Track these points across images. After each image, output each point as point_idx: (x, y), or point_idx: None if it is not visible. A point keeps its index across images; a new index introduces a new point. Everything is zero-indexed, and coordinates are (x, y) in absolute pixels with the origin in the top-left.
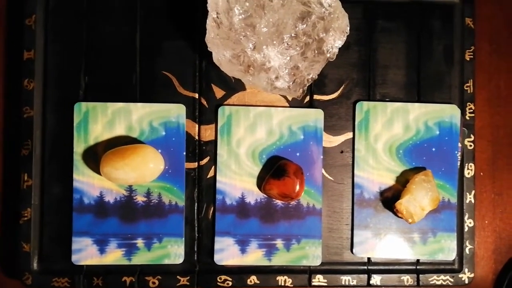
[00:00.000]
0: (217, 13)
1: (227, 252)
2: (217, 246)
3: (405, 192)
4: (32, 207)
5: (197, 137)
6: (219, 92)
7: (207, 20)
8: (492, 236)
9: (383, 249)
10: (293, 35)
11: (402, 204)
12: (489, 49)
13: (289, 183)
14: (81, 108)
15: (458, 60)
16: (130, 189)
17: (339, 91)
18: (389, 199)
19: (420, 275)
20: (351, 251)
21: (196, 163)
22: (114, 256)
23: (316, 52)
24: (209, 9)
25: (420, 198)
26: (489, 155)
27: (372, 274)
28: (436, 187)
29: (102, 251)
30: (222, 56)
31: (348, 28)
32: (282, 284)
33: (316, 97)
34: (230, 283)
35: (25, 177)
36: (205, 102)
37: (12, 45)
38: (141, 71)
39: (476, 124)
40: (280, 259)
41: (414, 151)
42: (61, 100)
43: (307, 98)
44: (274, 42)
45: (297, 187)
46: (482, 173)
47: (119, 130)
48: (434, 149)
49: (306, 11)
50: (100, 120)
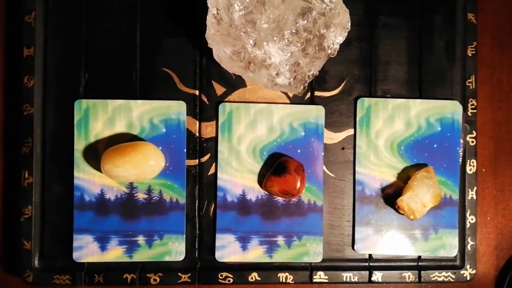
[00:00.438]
0: (217, 9)
1: (228, 249)
2: (218, 243)
3: (406, 188)
4: (33, 205)
5: (197, 134)
6: (219, 89)
7: (207, 17)
8: (494, 232)
9: (384, 246)
10: (293, 31)
11: (404, 200)
12: (491, 44)
13: (290, 180)
14: (82, 105)
15: (460, 56)
16: (131, 186)
17: (340, 88)
18: (391, 195)
19: (422, 271)
20: (353, 247)
21: (197, 160)
22: (115, 253)
23: (317, 48)
24: (209, 5)
25: (422, 195)
26: (491, 151)
27: (374, 271)
28: (437, 184)
29: (103, 248)
30: (223, 53)
31: (349, 24)
32: (283, 281)
33: (317, 93)
34: (231, 280)
35: (26, 175)
36: (205, 99)
37: (11, 42)
38: (141, 68)
39: (478, 120)
40: (281, 256)
41: (415, 148)
42: (61, 97)
43: (308, 95)
44: (275, 38)
45: (298, 184)
46: (484, 169)
47: (120, 127)
48: (435, 146)
49: (306, 7)
50: (101, 117)
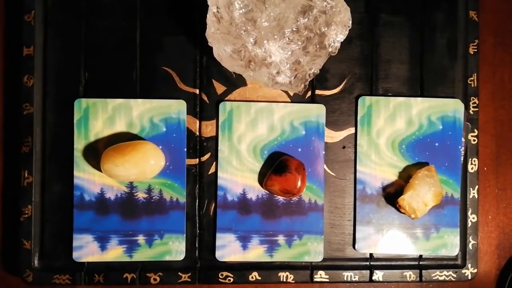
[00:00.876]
0: (218, 7)
1: (228, 248)
2: (218, 242)
3: (408, 187)
4: (32, 204)
5: (198, 133)
6: (220, 88)
7: (208, 15)
8: (496, 231)
9: (385, 245)
10: (294, 29)
11: (405, 199)
12: (493, 42)
13: (291, 179)
14: (81, 104)
15: (462, 54)
16: (131, 185)
17: (341, 86)
18: (392, 194)
19: (423, 270)
20: (353, 247)
21: (197, 159)
22: (115, 252)
23: (318, 46)
24: (209, 3)
25: (423, 194)
26: (493, 149)
27: (375, 270)
28: (439, 182)
29: (103, 248)
30: (223, 51)
31: (350, 22)
32: (284, 280)
33: (318, 92)
34: (232, 280)
35: (26, 174)
36: (206, 98)
37: (11, 41)
38: (141, 67)
39: (479, 119)
40: (282, 255)
41: (417, 146)
42: (61, 96)
43: (309, 93)
44: (275, 36)
45: (299, 183)
46: (485, 168)
47: (120, 127)
48: (437, 144)
49: (307, 5)
50: (101, 117)
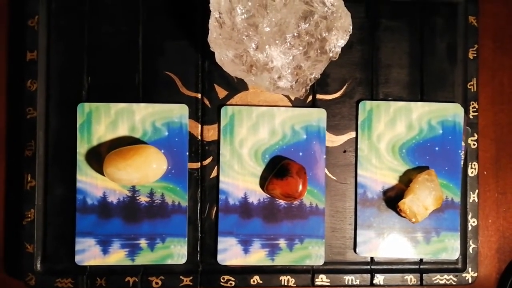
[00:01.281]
0: (220, 13)
1: (230, 252)
2: (220, 246)
3: (408, 191)
4: (35, 208)
5: (200, 137)
6: (221, 92)
7: (210, 20)
8: (496, 235)
9: (386, 249)
10: (295, 34)
11: (406, 203)
12: (492, 46)
13: (292, 183)
14: (84, 108)
15: (462, 59)
16: (133, 189)
17: (342, 91)
18: (392, 198)
19: (424, 274)
20: (354, 250)
21: (199, 163)
22: (117, 256)
23: (319, 51)
24: (211, 9)
25: (424, 198)
26: (493, 154)
27: (375, 274)
28: (439, 186)
29: (105, 251)
30: (225, 56)
31: (351, 27)
32: (285, 284)
33: (318, 96)
34: (233, 283)
35: (29, 178)
36: (207, 102)
37: (14, 46)
38: (144, 71)
39: (479, 123)
40: (283, 259)
41: (417, 151)
42: (64, 100)
43: (310, 98)
44: (277, 41)
45: (300, 187)
46: (485, 172)
47: (122, 131)
48: (437, 148)
49: (308, 10)
50: (103, 121)
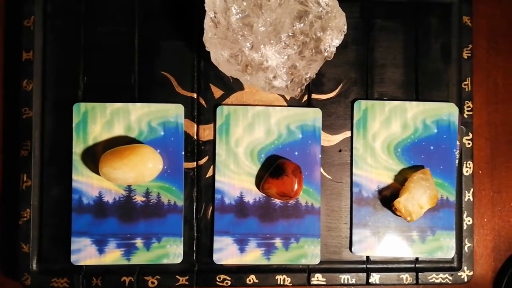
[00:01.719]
0: (215, 12)
1: (226, 252)
2: (216, 245)
3: (403, 190)
4: (31, 208)
5: (195, 137)
6: (217, 92)
7: (205, 20)
8: (491, 234)
9: (382, 248)
10: (290, 34)
11: (401, 202)
12: (486, 46)
13: (288, 182)
14: (80, 108)
15: (456, 58)
16: (129, 189)
17: (337, 90)
18: (388, 197)
19: (419, 273)
20: (350, 249)
21: (195, 163)
22: (113, 256)
23: (314, 51)
24: (206, 8)
25: (419, 196)
26: (488, 153)
27: (371, 273)
28: (434, 185)
29: (101, 251)
30: (220, 56)
31: (346, 27)
32: (281, 283)
33: (314, 96)
34: (229, 283)
35: (24, 178)
36: (203, 102)
37: (10, 46)
38: (140, 71)
39: (474, 122)
40: (279, 258)
41: (412, 150)
42: (60, 100)
43: (305, 97)
44: (272, 41)
45: (296, 186)
46: (480, 171)
47: (118, 130)
48: (432, 148)
49: (303, 10)
50: (99, 121)
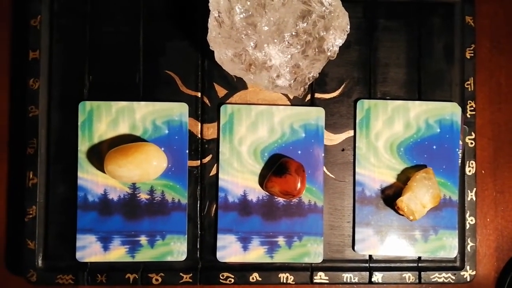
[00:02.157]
0: (219, 12)
1: (229, 249)
2: (219, 243)
3: (406, 189)
4: (37, 205)
5: (199, 136)
6: (221, 91)
7: (209, 19)
8: (494, 234)
9: (384, 247)
10: (293, 33)
11: (403, 201)
12: (489, 46)
13: (291, 181)
14: (86, 107)
15: (459, 58)
16: (134, 186)
17: (340, 90)
18: (390, 196)
19: (422, 272)
20: (353, 248)
21: (199, 161)
22: (117, 253)
23: (317, 50)
24: (210, 8)
25: (421, 196)
26: (490, 152)
27: (374, 272)
28: (437, 185)
29: (106, 248)
30: (224, 55)
31: (349, 27)
32: (284, 281)
33: (317, 95)
34: (233, 280)
35: (31, 175)
36: (207, 101)
37: (17, 45)
38: (145, 70)
39: (477, 122)
40: (282, 256)
41: (415, 149)
42: (66, 99)
43: (308, 97)
44: (275, 40)
45: (299, 184)
46: (483, 171)
47: (123, 129)
48: (435, 147)
49: (306, 9)
50: (104, 119)
